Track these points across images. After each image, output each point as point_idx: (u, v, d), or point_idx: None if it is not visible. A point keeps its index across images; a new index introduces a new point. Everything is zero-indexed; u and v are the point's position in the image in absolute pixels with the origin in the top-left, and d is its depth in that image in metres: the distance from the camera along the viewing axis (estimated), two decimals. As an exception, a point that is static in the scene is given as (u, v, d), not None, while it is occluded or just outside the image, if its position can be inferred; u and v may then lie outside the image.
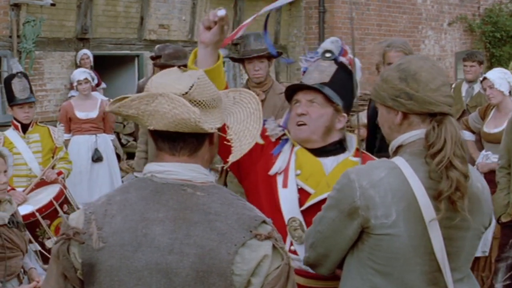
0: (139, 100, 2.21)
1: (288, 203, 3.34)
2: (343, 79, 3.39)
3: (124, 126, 12.13)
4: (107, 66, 13.32)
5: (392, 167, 2.79)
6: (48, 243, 5.62)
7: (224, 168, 3.49)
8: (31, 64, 12.03)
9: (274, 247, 2.23)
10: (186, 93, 2.23)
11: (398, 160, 2.82)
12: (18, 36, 11.87)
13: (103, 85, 12.67)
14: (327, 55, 3.47)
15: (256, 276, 2.20)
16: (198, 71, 2.35)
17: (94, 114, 8.74)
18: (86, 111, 8.72)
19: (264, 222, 2.27)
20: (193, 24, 14.52)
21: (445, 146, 2.70)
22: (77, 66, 12.57)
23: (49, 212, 5.66)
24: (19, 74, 6.37)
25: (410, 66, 2.83)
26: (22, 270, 4.39)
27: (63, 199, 5.82)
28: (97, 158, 8.66)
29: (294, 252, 3.28)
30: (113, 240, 2.22)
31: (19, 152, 6.24)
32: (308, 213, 3.27)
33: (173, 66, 6.32)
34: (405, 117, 2.84)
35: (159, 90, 2.23)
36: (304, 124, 3.35)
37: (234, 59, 6.65)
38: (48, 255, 5.60)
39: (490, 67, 19.74)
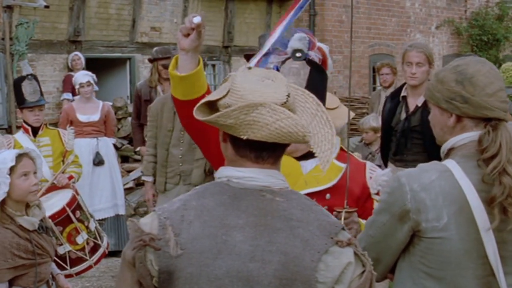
0: (239, 110, 2.12)
1: None
2: (316, 80, 3.33)
3: (118, 129, 12.02)
4: (98, 69, 13.21)
5: (443, 170, 2.76)
6: (60, 250, 5.49)
7: None
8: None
9: (355, 253, 2.20)
10: (285, 102, 2.17)
11: (449, 163, 2.79)
12: (10, 38, 11.77)
13: (95, 87, 12.56)
14: (298, 55, 3.35)
15: (340, 283, 2.15)
16: (277, 74, 2.29)
17: (96, 117, 8.62)
18: (88, 114, 8.59)
19: (343, 228, 2.24)
20: (185, 27, 14.44)
21: (500, 152, 2.67)
22: (69, 69, 12.50)
23: (62, 218, 5.52)
24: (29, 77, 6.26)
25: (468, 69, 2.79)
26: (50, 276, 4.33)
27: (75, 205, 5.72)
28: (98, 161, 8.52)
29: None
30: (192, 247, 2.15)
31: (29, 156, 6.13)
32: None
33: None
34: (459, 120, 2.81)
35: (256, 97, 2.15)
36: None
37: (247, 56, 6.60)
38: (60, 262, 5.52)
39: (476, 70, 19.87)
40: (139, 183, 12.01)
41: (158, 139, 6.61)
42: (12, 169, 4.07)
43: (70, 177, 6.15)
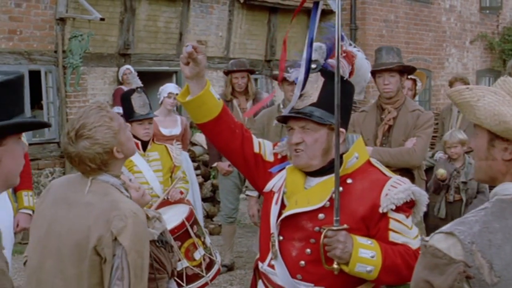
0: None
1: (274, 219, 3.37)
2: (332, 91, 3.21)
3: (178, 143, 11.90)
4: (146, 82, 13.12)
5: None
6: (177, 266, 5.33)
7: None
8: (77, 80, 11.79)
9: None
10: None
11: None
12: (63, 51, 11.64)
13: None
14: (313, 66, 3.32)
15: None
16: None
17: (177, 130, 8.45)
18: (170, 127, 8.43)
19: None
20: (229, 41, 14.38)
21: None
22: (119, 82, 12.37)
23: (181, 233, 5.31)
24: (138, 89, 6.09)
25: None
26: None
27: (193, 220, 5.54)
28: (181, 175, 8.40)
29: (272, 267, 3.37)
30: (507, 274, 2.04)
31: (140, 170, 5.91)
32: (284, 228, 3.32)
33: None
34: None
35: None
36: (302, 151, 3.30)
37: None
38: (176, 278, 5.36)
39: (508, 85, 19.82)
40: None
41: (264, 153, 6.44)
42: None
43: (181, 192, 5.96)
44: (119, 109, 11.80)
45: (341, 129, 3.26)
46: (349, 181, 3.26)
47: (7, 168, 2.21)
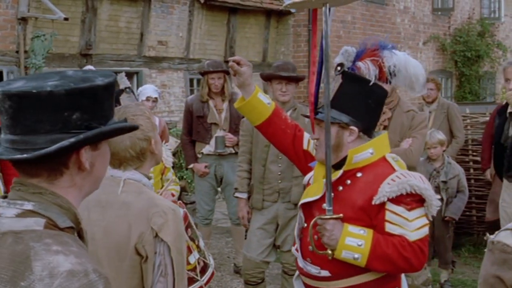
0: None
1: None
2: (349, 92, 3.55)
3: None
4: (106, 83, 12.93)
5: None
6: (172, 268, 5.25)
7: None
8: (41, 81, 11.53)
9: None
10: None
11: None
12: (25, 51, 11.39)
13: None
14: (338, 69, 3.62)
15: None
16: None
17: (155, 132, 8.34)
18: (146, 129, 8.31)
19: None
20: (189, 41, 14.26)
21: None
22: (81, 83, 12.15)
23: (175, 236, 5.28)
24: (127, 90, 6.00)
25: None
26: None
27: (187, 223, 5.45)
28: (157, 176, 8.27)
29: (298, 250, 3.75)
30: None
31: (131, 172, 5.84)
32: (306, 216, 3.70)
33: (279, 76, 6.19)
34: None
35: None
36: (317, 146, 3.68)
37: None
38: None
39: (459, 86, 20.09)
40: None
41: (254, 155, 6.37)
42: None
43: (172, 195, 5.86)
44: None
45: (353, 127, 3.54)
46: (358, 174, 3.52)
47: (99, 172, 2.11)
